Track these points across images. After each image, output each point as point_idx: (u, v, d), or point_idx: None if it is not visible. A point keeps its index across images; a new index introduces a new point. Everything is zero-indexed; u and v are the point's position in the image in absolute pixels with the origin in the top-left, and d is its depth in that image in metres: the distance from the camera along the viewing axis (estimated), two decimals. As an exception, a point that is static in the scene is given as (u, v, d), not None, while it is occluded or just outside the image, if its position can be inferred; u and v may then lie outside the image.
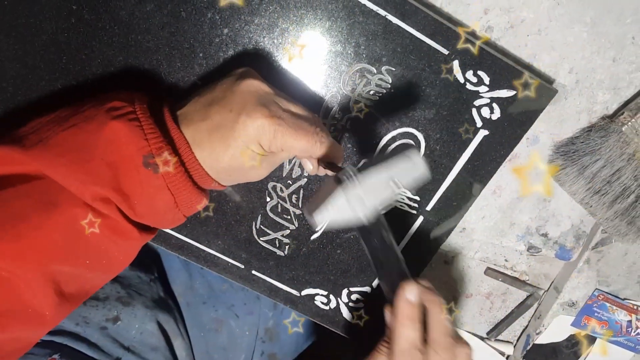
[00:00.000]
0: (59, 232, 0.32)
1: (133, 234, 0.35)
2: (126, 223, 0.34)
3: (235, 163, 0.35)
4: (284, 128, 0.34)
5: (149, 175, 0.33)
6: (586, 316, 0.59)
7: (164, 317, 0.60)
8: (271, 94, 0.36)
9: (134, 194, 0.33)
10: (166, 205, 0.34)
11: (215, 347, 0.65)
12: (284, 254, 0.50)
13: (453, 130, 0.45)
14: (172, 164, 0.33)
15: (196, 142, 0.35)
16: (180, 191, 0.34)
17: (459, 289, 0.59)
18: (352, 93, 0.43)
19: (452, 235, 0.53)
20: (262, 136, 0.34)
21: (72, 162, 0.32)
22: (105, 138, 0.32)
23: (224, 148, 0.34)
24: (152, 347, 0.56)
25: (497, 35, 0.44)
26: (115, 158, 0.32)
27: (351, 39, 0.41)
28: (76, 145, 0.32)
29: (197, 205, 0.37)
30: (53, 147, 0.32)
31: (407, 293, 0.35)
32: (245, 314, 0.67)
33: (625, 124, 0.46)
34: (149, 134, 0.33)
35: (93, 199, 0.32)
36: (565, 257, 0.56)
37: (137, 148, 0.32)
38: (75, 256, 0.33)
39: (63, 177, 0.32)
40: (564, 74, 0.46)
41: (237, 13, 0.40)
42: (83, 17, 0.40)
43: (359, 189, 0.33)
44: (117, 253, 0.35)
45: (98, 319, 0.53)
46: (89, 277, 0.35)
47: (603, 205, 0.49)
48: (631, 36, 0.45)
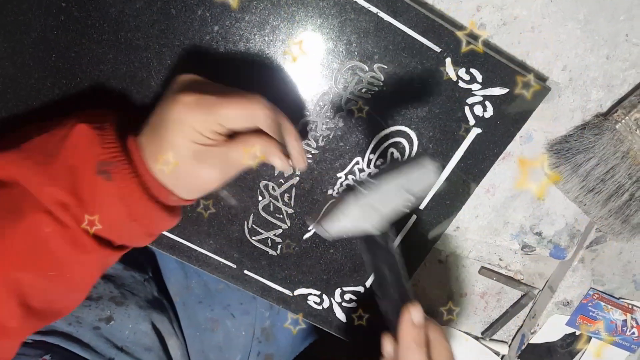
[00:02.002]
0: (21, 239, 0.32)
1: (90, 247, 0.34)
2: (84, 235, 0.34)
3: (180, 161, 0.34)
4: (213, 100, 0.33)
5: (103, 183, 0.33)
6: (581, 315, 0.59)
7: (158, 317, 0.60)
8: (203, 81, 0.35)
9: (89, 201, 0.33)
10: (119, 217, 0.34)
11: (211, 347, 0.65)
12: (277, 254, 0.49)
13: (446, 129, 0.45)
14: (125, 174, 0.33)
15: (143, 146, 0.35)
16: (134, 203, 0.34)
17: (454, 289, 0.58)
18: (344, 91, 0.43)
19: (445, 234, 0.53)
20: (194, 117, 0.32)
21: (36, 163, 0.32)
22: (70, 142, 0.33)
23: (159, 143, 0.34)
24: (145, 347, 0.56)
25: (490, 32, 0.44)
26: (76, 162, 0.33)
27: (343, 37, 0.41)
28: (45, 148, 0.33)
29: (160, 223, 0.37)
30: (25, 150, 0.33)
31: (414, 316, 0.34)
32: (241, 313, 0.66)
33: (619, 122, 0.46)
34: (107, 142, 0.33)
35: (52, 201, 0.32)
36: (559, 256, 0.55)
37: (94, 154, 0.33)
38: (38, 265, 0.33)
39: (26, 178, 0.32)
40: (558, 71, 0.46)
41: (228, 10, 0.40)
42: (72, 15, 0.39)
43: (371, 197, 0.31)
44: (77, 267, 0.35)
45: (91, 319, 0.53)
46: (56, 292, 0.35)
47: (597, 204, 0.49)
48: (625, 33, 0.45)
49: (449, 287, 0.58)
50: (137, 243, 0.38)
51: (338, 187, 0.47)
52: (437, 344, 0.34)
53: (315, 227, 0.31)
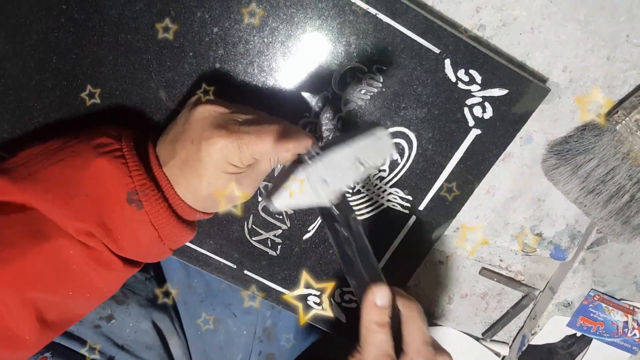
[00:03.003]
0: (43, 261, 0.32)
1: (117, 266, 0.35)
2: (110, 255, 0.35)
3: (213, 190, 0.35)
4: (246, 139, 0.34)
5: (133, 212, 0.34)
6: (582, 316, 0.59)
7: (159, 316, 0.60)
8: (225, 113, 0.36)
9: (117, 229, 0.34)
10: (150, 240, 0.35)
11: (212, 346, 0.65)
12: (276, 254, 0.50)
13: (445, 130, 0.45)
14: (155, 201, 0.34)
15: (173, 180, 0.35)
16: (164, 226, 0.35)
17: (454, 289, 0.58)
18: (343, 92, 0.43)
19: (445, 235, 0.53)
20: (229, 155, 0.34)
21: (57, 197, 0.33)
22: (91, 174, 0.33)
23: (197, 180, 0.35)
24: (146, 345, 0.57)
25: (490, 33, 0.44)
26: (100, 194, 0.33)
27: (342, 38, 0.41)
28: (63, 181, 0.33)
29: (183, 238, 0.38)
30: (40, 181, 0.33)
31: (377, 297, 0.32)
32: (243, 313, 0.66)
33: (620, 123, 0.45)
34: (133, 170, 0.34)
35: (77, 233, 0.33)
36: (560, 257, 0.55)
37: (121, 184, 0.33)
38: (59, 286, 0.34)
39: (49, 211, 0.33)
40: (558, 72, 0.46)
41: (227, 12, 0.40)
42: (73, 17, 0.40)
43: (322, 169, 0.30)
44: (100, 284, 0.36)
45: (92, 317, 0.53)
46: (71, 305, 0.36)
47: (597, 205, 0.49)
48: (625, 34, 0.45)
49: (450, 288, 0.58)
50: (156, 259, 0.39)
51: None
52: (409, 322, 0.33)
53: (265, 202, 0.31)
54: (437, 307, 0.59)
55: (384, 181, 0.47)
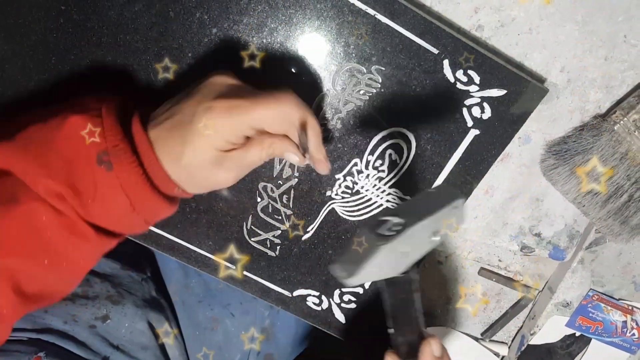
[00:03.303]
0: (16, 226, 0.31)
1: (90, 235, 0.34)
2: (82, 223, 0.33)
3: (194, 160, 0.34)
4: (242, 106, 0.33)
5: (103, 174, 0.32)
6: (581, 316, 0.59)
7: (155, 317, 0.60)
8: (234, 85, 0.35)
9: (87, 192, 0.32)
10: (121, 207, 0.33)
11: (210, 346, 0.65)
12: (275, 255, 0.50)
13: (444, 130, 0.45)
14: (128, 164, 0.32)
15: (158, 140, 0.34)
16: (137, 194, 0.33)
17: (453, 289, 0.58)
18: (341, 93, 0.43)
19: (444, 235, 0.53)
20: (223, 125, 0.33)
21: (30, 154, 0.32)
22: (64, 133, 0.32)
23: (182, 145, 0.33)
24: (142, 346, 0.56)
25: (488, 34, 0.44)
26: (71, 153, 0.32)
27: (340, 39, 0.41)
28: (38, 139, 0.32)
29: (160, 212, 0.36)
30: (17, 140, 0.32)
31: (435, 349, 0.35)
32: (241, 313, 0.66)
33: (618, 123, 0.46)
34: (107, 131, 0.32)
35: (47, 193, 0.32)
36: (559, 257, 0.55)
37: (92, 144, 0.32)
38: (33, 253, 0.32)
39: (20, 170, 0.31)
40: (556, 72, 0.46)
41: (226, 13, 0.40)
42: (72, 18, 0.40)
43: (403, 242, 0.28)
44: (75, 255, 0.34)
45: (87, 317, 0.53)
46: (50, 279, 0.34)
47: (596, 205, 0.49)
48: (623, 34, 0.45)
49: (449, 288, 0.58)
50: (134, 231, 0.37)
51: (336, 189, 0.47)
52: None
53: (338, 274, 0.29)
54: (436, 308, 0.59)
55: (383, 181, 0.47)
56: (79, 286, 0.55)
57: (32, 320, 0.49)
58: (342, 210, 0.48)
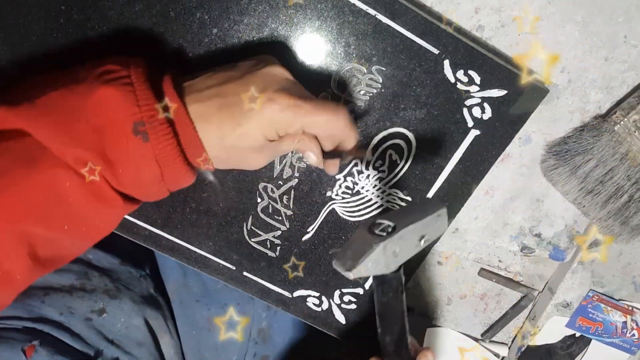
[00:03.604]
0: (37, 191, 0.30)
1: (116, 203, 0.33)
2: (110, 190, 0.33)
3: (240, 143, 0.34)
4: (304, 108, 0.34)
5: (138, 144, 0.31)
6: (581, 317, 0.59)
7: (151, 314, 0.60)
8: (293, 81, 0.36)
9: (119, 162, 0.32)
10: (152, 178, 0.33)
11: (207, 346, 0.65)
12: (275, 255, 0.50)
13: (444, 130, 0.45)
14: (164, 135, 0.32)
15: (203, 116, 0.34)
16: (169, 165, 0.33)
17: (453, 290, 0.58)
18: (342, 93, 0.43)
19: (445, 236, 0.53)
20: (281, 120, 0.34)
21: (56, 122, 0.31)
22: (95, 101, 0.31)
23: (232, 126, 0.33)
24: (137, 342, 0.56)
25: (488, 34, 0.44)
26: (103, 122, 0.31)
27: (341, 39, 0.41)
28: (63, 106, 0.31)
29: (184, 182, 0.36)
30: (39, 106, 0.31)
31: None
32: (238, 314, 0.66)
33: (618, 123, 0.46)
34: (141, 99, 0.32)
35: (75, 161, 0.31)
36: (559, 257, 0.55)
37: (128, 114, 0.31)
38: (53, 219, 0.32)
39: (46, 138, 0.30)
40: (556, 73, 0.46)
41: (226, 13, 0.40)
42: (72, 18, 0.39)
43: (395, 243, 0.32)
44: (97, 220, 0.34)
45: (83, 310, 0.53)
46: (66, 243, 0.34)
47: (596, 205, 0.49)
48: (623, 35, 0.45)
49: (449, 289, 0.58)
50: (154, 198, 0.36)
51: (337, 189, 0.47)
52: None
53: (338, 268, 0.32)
54: (436, 308, 0.59)
55: (383, 182, 0.47)
56: (77, 279, 0.56)
57: (29, 310, 0.49)
58: (342, 211, 0.48)
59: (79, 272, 0.57)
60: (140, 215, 0.46)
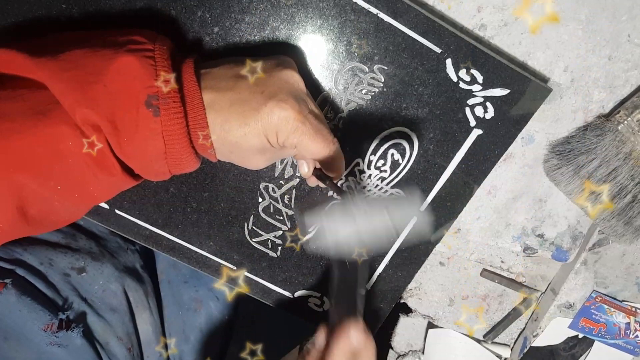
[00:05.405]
0: (39, 144, 0.30)
1: (115, 170, 0.33)
2: (111, 156, 0.33)
3: (244, 142, 0.35)
4: (306, 127, 0.35)
5: (148, 117, 0.31)
6: (584, 318, 0.58)
7: (132, 285, 0.60)
8: (305, 92, 0.37)
9: (125, 130, 0.32)
10: (156, 153, 0.33)
11: (192, 327, 0.65)
12: (277, 255, 0.49)
13: (446, 130, 0.45)
14: (174, 113, 0.32)
15: (213, 107, 0.34)
16: (174, 144, 0.33)
17: (455, 291, 0.58)
18: (344, 92, 0.43)
19: (447, 236, 0.53)
20: (283, 128, 0.34)
21: (74, 78, 0.31)
22: (115, 67, 0.31)
23: (239, 124, 0.34)
24: (111, 307, 0.56)
25: (491, 33, 0.44)
26: (119, 89, 0.31)
27: (342, 37, 0.41)
28: (84, 66, 0.31)
29: (186, 167, 0.36)
30: (61, 60, 0.31)
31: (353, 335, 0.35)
32: (225, 297, 0.66)
33: (622, 123, 0.45)
34: (160, 74, 0.32)
35: (84, 121, 0.31)
36: (561, 258, 0.55)
37: (144, 86, 0.31)
38: (49, 176, 0.32)
39: (61, 92, 0.31)
40: (559, 72, 0.46)
41: (228, 11, 0.40)
42: (73, 17, 0.39)
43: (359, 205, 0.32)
44: (92, 186, 0.34)
45: (64, 264, 0.53)
46: (57, 205, 0.34)
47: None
48: (627, 34, 0.45)
49: (451, 290, 0.58)
50: (156, 178, 0.37)
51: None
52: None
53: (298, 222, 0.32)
54: (439, 309, 0.59)
55: (385, 182, 0.47)
56: (64, 238, 0.56)
57: (9, 253, 0.49)
58: (344, 211, 0.48)
59: (67, 232, 0.57)
60: (141, 215, 0.46)
